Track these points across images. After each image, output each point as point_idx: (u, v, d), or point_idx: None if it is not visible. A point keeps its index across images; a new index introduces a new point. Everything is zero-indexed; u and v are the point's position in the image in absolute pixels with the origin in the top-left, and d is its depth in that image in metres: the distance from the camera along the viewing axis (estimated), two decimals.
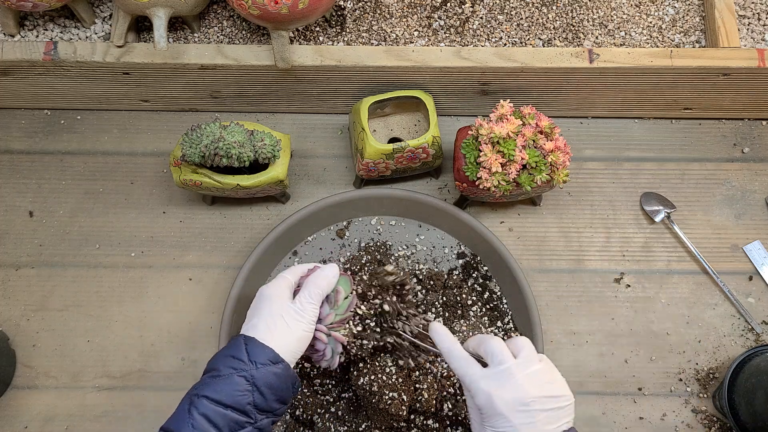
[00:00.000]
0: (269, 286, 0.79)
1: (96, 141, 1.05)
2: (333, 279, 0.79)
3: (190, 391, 0.72)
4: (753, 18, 1.02)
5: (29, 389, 0.94)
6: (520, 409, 0.69)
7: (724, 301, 0.99)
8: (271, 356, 0.72)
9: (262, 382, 0.71)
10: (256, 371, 0.71)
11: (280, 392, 0.73)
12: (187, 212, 1.02)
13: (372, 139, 0.92)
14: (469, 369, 0.73)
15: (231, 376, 0.71)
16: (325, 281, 0.79)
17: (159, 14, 0.89)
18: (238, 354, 0.72)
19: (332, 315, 0.80)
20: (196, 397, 0.70)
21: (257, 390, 0.71)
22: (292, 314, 0.76)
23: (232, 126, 0.89)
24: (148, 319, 0.97)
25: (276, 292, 0.78)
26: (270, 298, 0.77)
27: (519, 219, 1.03)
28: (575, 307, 0.99)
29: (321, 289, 0.78)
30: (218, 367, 0.72)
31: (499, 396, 0.70)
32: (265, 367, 0.72)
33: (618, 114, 1.07)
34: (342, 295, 0.80)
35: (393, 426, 0.87)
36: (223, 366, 0.72)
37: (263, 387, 0.71)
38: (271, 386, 0.72)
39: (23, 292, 0.98)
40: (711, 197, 1.04)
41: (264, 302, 0.77)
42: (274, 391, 0.72)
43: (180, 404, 0.72)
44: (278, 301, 0.77)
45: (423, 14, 1.02)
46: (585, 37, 1.01)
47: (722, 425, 0.94)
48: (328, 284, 0.79)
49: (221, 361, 0.73)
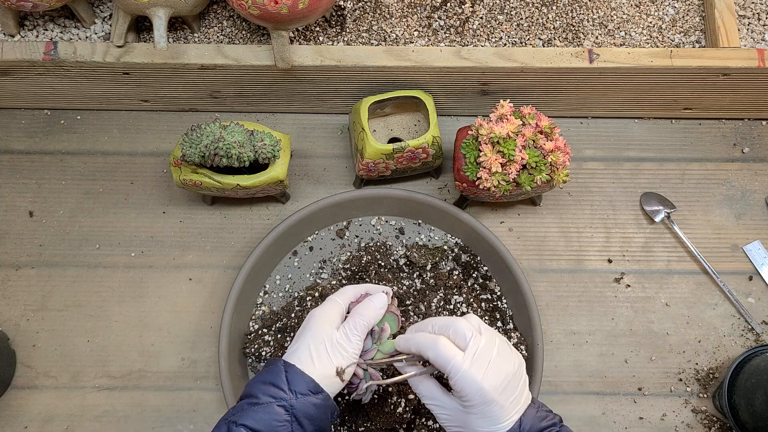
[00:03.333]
0: (318, 309, 0.77)
1: (96, 141, 1.05)
2: (381, 310, 0.77)
3: (227, 416, 0.70)
4: (753, 18, 1.02)
5: (29, 389, 0.94)
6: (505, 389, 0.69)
7: (724, 301, 0.99)
8: (311, 386, 0.70)
9: (302, 412, 0.69)
10: (296, 401, 0.69)
11: (319, 422, 0.71)
12: (187, 212, 1.02)
13: (372, 139, 0.92)
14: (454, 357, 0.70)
15: (270, 405, 0.69)
16: (373, 312, 0.76)
17: (159, 14, 0.89)
18: (278, 382, 0.70)
19: (374, 351, 0.77)
20: (234, 425, 0.68)
21: (296, 420, 0.69)
22: (335, 345, 0.73)
23: (232, 126, 0.89)
24: (148, 319, 0.97)
25: (324, 317, 0.75)
26: (317, 324, 0.75)
27: (519, 219, 1.03)
28: (575, 307, 0.99)
29: (366, 321, 0.75)
30: (257, 395, 0.70)
31: (487, 383, 0.69)
32: (305, 397, 0.70)
33: (618, 114, 1.07)
34: (387, 333, 0.77)
35: (394, 427, 0.87)
36: (262, 394, 0.70)
37: (302, 418, 0.69)
38: (310, 417, 0.70)
39: (23, 292, 0.98)
40: (711, 197, 1.04)
41: (310, 327, 0.75)
42: (313, 421, 0.70)
43: (215, 429, 0.69)
44: (324, 327, 0.74)
45: (423, 14, 1.02)
46: (585, 37, 1.01)
47: (722, 425, 0.94)
48: (374, 315, 0.76)
49: (260, 389, 0.71)
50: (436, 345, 0.71)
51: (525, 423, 0.69)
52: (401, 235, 1.00)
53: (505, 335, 0.94)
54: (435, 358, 0.71)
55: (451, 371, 0.70)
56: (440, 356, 0.70)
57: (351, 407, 0.89)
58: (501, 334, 0.93)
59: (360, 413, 0.89)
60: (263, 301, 0.97)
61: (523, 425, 0.69)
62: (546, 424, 0.70)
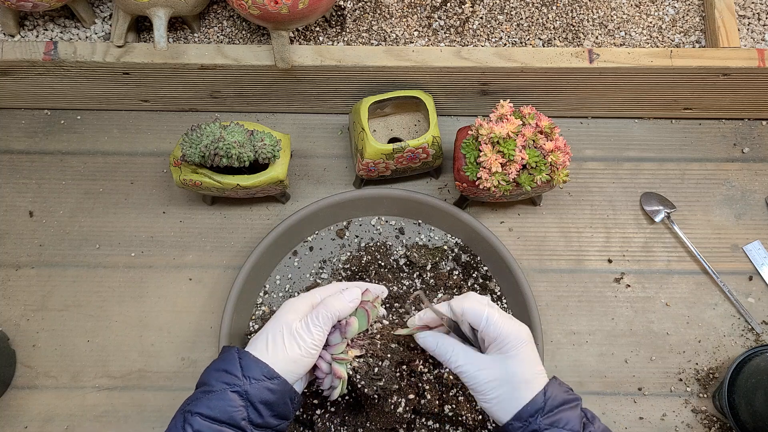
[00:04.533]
0: (292, 299, 0.77)
1: (96, 141, 1.05)
2: (349, 304, 0.76)
3: (183, 406, 0.70)
4: (753, 18, 1.02)
5: (29, 389, 0.94)
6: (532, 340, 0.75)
7: (724, 301, 0.99)
8: (265, 371, 0.70)
9: (257, 397, 0.69)
10: (249, 386, 0.69)
11: (277, 407, 0.71)
12: (187, 212, 1.02)
13: (372, 139, 0.92)
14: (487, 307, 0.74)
15: (224, 392, 0.69)
16: (339, 304, 0.75)
17: (159, 14, 0.89)
18: (231, 368, 0.70)
19: (342, 345, 0.76)
20: (190, 414, 0.68)
21: (252, 406, 0.69)
22: (293, 334, 0.73)
23: (232, 126, 0.89)
24: (148, 319, 0.97)
25: (292, 307, 0.76)
26: (282, 312, 0.75)
27: (519, 219, 1.03)
28: (575, 307, 0.99)
29: (331, 313, 0.75)
30: (210, 382, 0.70)
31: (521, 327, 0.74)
32: (259, 382, 0.70)
33: (618, 114, 1.07)
34: (353, 327, 0.76)
35: (394, 427, 0.87)
36: (216, 381, 0.70)
37: (258, 403, 0.69)
38: (266, 402, 0.70)
39: (23, 292, 0.98)
40: (711, 197, 1.04)
41: (276, 315, 0.75)
42: (270, 406, 0.70)
43: (173, 421, 0.70)
44: (288, 316, 0.74)
45: (423, 14, 1.02)
46: (585, 37, 1.01)
47: (722, 425, 0.94)
48: (341, 309, 0.76)
49: (213, 376, 0.71)
50: (468, 301, 0.75)
51: (550, 392, 0.72)
52: (401, 235, 1.00)
53: None
54: (471, 312, 0.74)
55: (488, 318, 0.73)
56: (475, 309, 0.74)
57: (351, 407, 0.89)
58: None
59: (360, 413, 0.89)
60: (263, 301, 0.97)
61: (548, 393, 0.71)
62: (570, 397, 0.73)
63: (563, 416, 0.70)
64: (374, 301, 0.80)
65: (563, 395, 0.72)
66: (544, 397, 0.71)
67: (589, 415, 0.73)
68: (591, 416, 0.73)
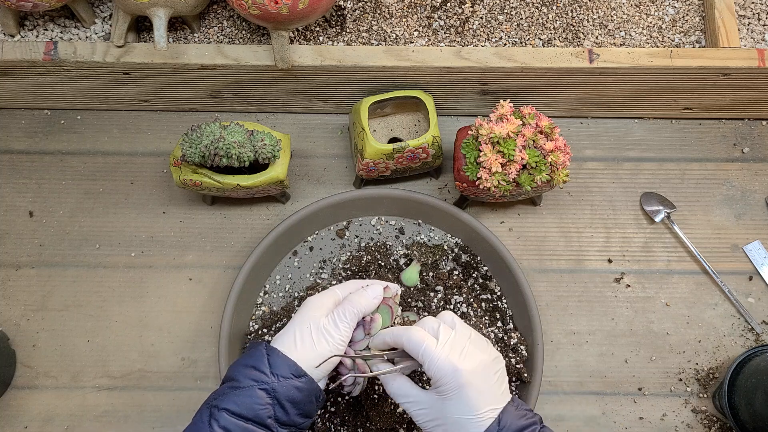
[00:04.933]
0: (314, 296, 0.76)
1: (96, 141, 1.05)
2: (373, 300, 0.76)
3: (209, 400, 0.70)
4: (753, 18, 1.02)
5: (29, 389, 0.94)
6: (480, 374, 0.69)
7: (724, 301, 0.99)
8: (293, 369, 0.70)
9: (284, 395, 0.69)
10: (277, 384, 0.69)
11: (303, 406, 0.70)
12: (187, 212, 1.02)
13: (372, 139, 0.92)
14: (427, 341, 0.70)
15: (252, 389, 0.69)
16: (365, 301, 0.75)
17: (159, 14, 0.89)
18: (260, 365, 0.70)
19: (365, 341, 0.76)
20: (216, 410, 0.68)
21: (278, 404, 0.69)
22: (321, 330, 0.73)
23: (232, 126, 0.89)
24: (148, 319, 0.97)
25: (317, 304, 0.75)
26: (307, 309, 0.74)
27: (519, 219, 1.03)
28: (575, 307, 0.99)
29: (357, 309, 0.74)
30: (238, 378, 0.70)
31: (462, 365, 0.69)
32: (287, 380, 0.69)
33: (618, 114, 1.07)
34: (377, 323, 0.76)
35: (394, 427, 0.87)
36: (244, 377, 0.70)
37: (285, 401, 0.69)
38: (293, 400, 0.69)
39: (23, 292, 0.98)
40: (711, 197, 1.04)
41: (302, 312, 0.75)
42: (296, 405, 0.70)
43: (198, 414, 0.69)
44: (314, 313, 0.74)
45: (423, 14, 1.02)
46: (585, 37, 1.01)
47: (722, 425, 0.94)
48: (366, 305, 0.75)
49: (242, 372, 0.70)
50: (409, 331, 0.71)
51: (504, 420, 0.68)
52: (401, 235, 1.00)
53: (505, 335, 0.94)
54: (408, 343, 0.71)
55: (424, 354, 0.69)
56: (413, 341, 0.70)
57: (351, 407, 0.89)
58: (500, 333, 0.94)
59: (360, 413, 0.89)
60: (263, 301, 0.97)
61: (502, 423, 0.68)
62: (526, 423, 0.69)
63: None
64: (394, 297, 0.80)
65: (519, 422, 0.69)
66: (498, 427, 0.68)
67: None
68: None
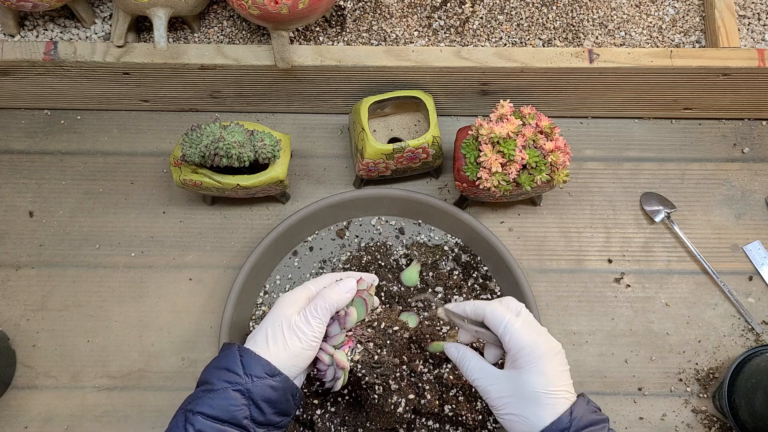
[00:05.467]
0: (288, 293, 0.76)
1: (96, 141, 1.05)
2: (346, 294, 0.76)
3: (184, 405, 0.70)
4: (753, 18, 1.02)
5: (29, 389, 0.94)
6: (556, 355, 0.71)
7: (724, 301, 0.99)
8: (267, 369, 0.70)
9: (259, 395, 0.69)
10: (252, 384, 0.69)
11: (279, 405, 0.70)
12: (187, 212, 1.02)
13: (372, 139, 0.92)
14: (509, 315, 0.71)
15: (226, 390, 0.68)
16: (336, 295, 0.75)
17: (159, 14, 0.89)
18: (233, 366, 0.70)
19: (341, 336, 0.76)
20: (191, 414, 0.68)
21: (254, 404, 0.68)
22: (293, 328, 0.72)
23: (232, 126, 0.89)
24: (148, 319, 0.97)
25: (289, 300, 0.75)
26: (279, 307, 0.74)
27: (519, 219, 1.03)
28: (575, 307, 0.99)
29: (329, 304, 0.74)
30: (212, 381, 0.70)
31: (542, 339, 0.71)
32: (261, 380, 0.69)
33: (618, 114, 1.07)
34: (352, 317, 0.76)
35: (394, 427, 0.87)
36: (217, 379, 0.69)
37: (260, 401, 0.69)
38: (268, 400, 0.69)
39: (23, 292, 0.98)
40: (711, 197, 1.04)
41: (274, 310, 0.74)
42: (272, 404, 0.70)
43: (174, 419, 0.69)
44: (286, 310, 0.74)
45: (423, 14, 1.02)
46: (585, 37, 1.01)
47: (722, 425, 0.94)
48: (338, 299, 0.75)
49: (214, 374, 0.70)
50: (492, 305, 0.73)
51: (576, 411, 0.69)
52: (401, 235, 1.00)
53: None
54: (491, 315, 0.72)
55: (507, 326, 0.71)
56: (496, 314, 0.72)
57: (351, 407, 0.89)
58: None
59: (360, 413, 0.89)
60: (263, 301, 0.97)
61: (574, 414, 0.68)
62: (597, 418, 0.69)
63: None
64: (369, 289, 0.80)
65: (590, 416, 0.69)
66: (570, 417, 0.68)
67: None
68: None
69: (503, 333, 0.71)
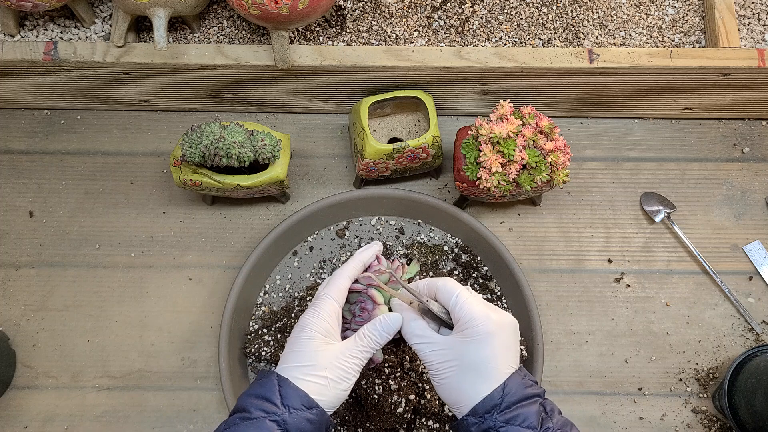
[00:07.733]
0: (310, 315, 0.73)
1: (96, 141, 1.05)
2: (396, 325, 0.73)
3: (219, 430, 0.68)
4: (753, 18, 1.02)
5: (29, 389, 0.94)
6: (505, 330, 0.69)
7: (724, 301, 0.99)
8: (305, 401, 0.68)
9: (295, 428, 0.67)
10: (288, 416, 0.67)
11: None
12: (187, 212, 1.02)
13: (372, 139, 0.92)
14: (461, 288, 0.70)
15: (262, 420, 0.67)
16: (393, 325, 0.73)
17: (159, 14, 0.89)
18: (271, 396, 0.68)
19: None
20: None
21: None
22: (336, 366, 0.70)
23: (232, 126, 0.89)
24: (148, 319, 0.97)
25: (318, 324, 0.72)
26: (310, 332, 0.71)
27: (519, 219, 1.03)
28: (575, 307, 0.99)
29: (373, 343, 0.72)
30: (249, 409, 0.68)
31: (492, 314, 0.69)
32: (298, 412, 0.68)
33: (618, 114, 1.07)
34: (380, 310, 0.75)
35: (394, 427, 0.87)
36: (255, 408, 0.68)
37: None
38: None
39: (23, 292, 0.98)
40: (711, 197, 1.04)
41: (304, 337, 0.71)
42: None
43: None
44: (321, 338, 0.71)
45: (423, 14, 1.02)
46: (585, 37, 1.01)
47: (722, 425, 0.94)
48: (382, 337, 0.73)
49: (252, 403, 0.68)
50: (444, 279, 0.72)
51: (509, 386, 0.67)
52: (401, 235, 1.00)
53: None
54: (443, 287, 0.71)
55: (458, 297, 0.70)
56: (448, 287, 0.71)
57: (351, 407, 0.89)
58: None
59: (360, 413, 0.89)
60: (263, 301, 0.97)
61: (507, 388, 0.67)
62: (531, 392, 0.68)
63: (521, 412, 0.66)
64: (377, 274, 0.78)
65: (523, 391, 0.68)
66: (502, 393, 0.67)
67: (548, 408, 0.68)
68: (550, 410, 0.68)
69: (454, 303, 0.70)
